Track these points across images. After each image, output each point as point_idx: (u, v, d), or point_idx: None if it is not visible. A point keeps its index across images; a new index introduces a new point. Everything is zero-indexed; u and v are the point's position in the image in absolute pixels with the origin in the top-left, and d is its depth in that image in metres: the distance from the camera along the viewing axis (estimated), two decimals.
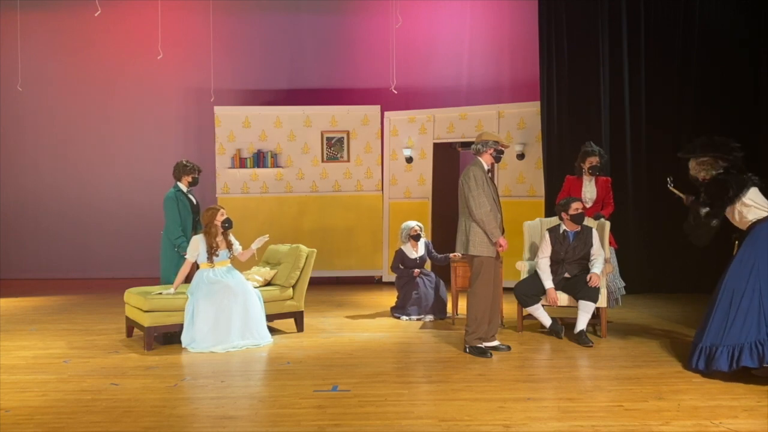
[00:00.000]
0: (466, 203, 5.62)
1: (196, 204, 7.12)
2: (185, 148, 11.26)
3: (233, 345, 5.92)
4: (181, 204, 6.88)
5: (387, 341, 6.28)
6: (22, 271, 11.24)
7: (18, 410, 4.34)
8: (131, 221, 11.25)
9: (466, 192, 5.61)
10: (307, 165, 10.22)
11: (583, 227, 6.33)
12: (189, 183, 7.06)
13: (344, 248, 10.12)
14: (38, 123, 11.51)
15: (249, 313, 6.07)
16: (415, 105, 10.54)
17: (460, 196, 5.70)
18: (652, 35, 8.70)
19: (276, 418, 4.15)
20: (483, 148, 5.71)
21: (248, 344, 5.99)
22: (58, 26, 11.39)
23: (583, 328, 6.05)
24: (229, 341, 5.92)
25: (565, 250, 6.30)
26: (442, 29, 11.14)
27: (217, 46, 10.82)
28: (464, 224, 5.67)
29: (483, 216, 5.55)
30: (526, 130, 9.45)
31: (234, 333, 5.96)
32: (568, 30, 8.92)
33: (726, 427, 3.91)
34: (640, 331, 6.41)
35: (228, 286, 6.04)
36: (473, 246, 5.60)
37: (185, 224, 6.86)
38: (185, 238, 6.75)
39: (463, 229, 5.67)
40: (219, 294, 5.98)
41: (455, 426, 3.98)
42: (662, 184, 8.36)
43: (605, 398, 4.47)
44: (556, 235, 6.36)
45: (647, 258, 8.79)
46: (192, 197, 7.10)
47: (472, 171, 5.65)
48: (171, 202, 6.86)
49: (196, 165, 7.15)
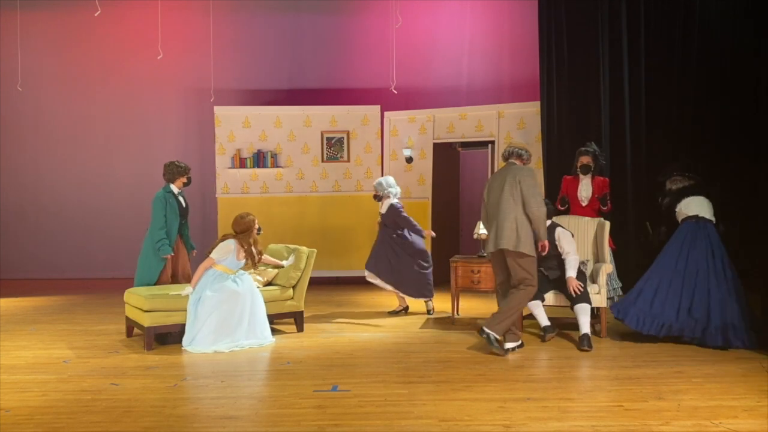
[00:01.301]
0: (523, 201, 5.70)
1: (185, 206, 7.03)
2: (185, 148, 11.26)
3: (237, 344, 5.93)
4: (169, 206, 6.81)
5: (387, 341, 6.28)
6: (22, 271, 11.24)
7: (18, 410, 4.34)
8: (131, 221, 11.23)
9: (525, 190, 5.71)
10: (307, 165, 10.22)
11: (550, 226, 6.27)
12: (184, 184, 6.99)
13: (344, 248, 10.12)
14: (38, 123, 11.51)
15: (255, 315, 6.11)
16: (415, 105, 10.54)
17: (508, 194, 5.73)
18: (652, 35, 8.69)
19: (276, 418, 4.16)
20: (528, 158, 5.99)
21: (252, 344, 6.01)
22: (58, 26, 11.38)
23: (587, 331, 5.97)
24: (234, 341, 5.94)
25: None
26: (442, 29, 11.14)
27: (217, 46, 10.82)
28: (514, 222, 5.70)
29: (542, 216, 5.71)
30: (526, 130, 9.46)
31: (239, 334, 5.98)
32: (568, 30, 8.92)
33: (726, 427, 3.91)
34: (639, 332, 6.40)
35: (235, 290, 6.04)
36: (523, 244, 5.68)
37: (171, 226, 6.80)
38: (168, 240, 6.72)
39: (513, 227, 5.69)
40: (225, 295, 5.98)
41: (455, 426, 3.98)
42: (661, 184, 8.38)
43: (605, 398, 4.47)
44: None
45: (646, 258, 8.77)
46: (182, 199, 7.01)
47: (529, 171, 5.82)
48: (159, 202, 6.79)
49: (187, 165, 7.10)
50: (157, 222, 6.76)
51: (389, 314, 7.63)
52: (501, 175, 5.89)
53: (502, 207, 5.73)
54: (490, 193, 5.89)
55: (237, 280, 6.13)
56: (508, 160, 6.02)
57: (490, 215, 5.88)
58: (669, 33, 8.67)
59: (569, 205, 7.28)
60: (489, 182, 6.01)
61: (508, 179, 5.76)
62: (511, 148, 5.99)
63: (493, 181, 5.93)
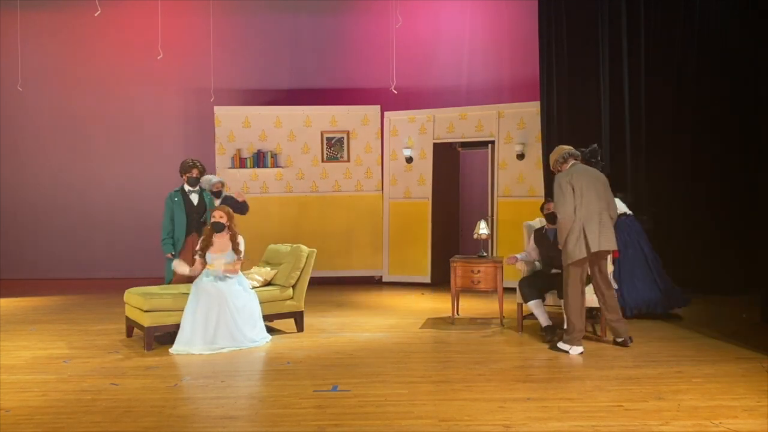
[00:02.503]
0: (608, 203, 5.80)
1: (197, 204, 7.02)
2: (185, 148, 11.25)
3: (219, 347, 5.85)
4: (175, 204, 6.90)
5: (387, 341, 6.28)
6: (22, 271, 11.23)
7: (18, 410, 4.34)
8: (131, 221, 11.24)
9: (609, 193, 5.86)
10: (307, 165, 10.22)
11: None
12: (189, 178, 7.01)
13: (344, 248, 10.12)
14: (38, 123, 11.51)
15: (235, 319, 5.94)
16: (415, 105, 10.54)
17: (602, 195, 5.78)
18: (651, 35, 8.70)
19: (276, 418, 4.16)
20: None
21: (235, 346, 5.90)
22: (58, 26, 11.38)
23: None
24: (215, 343, 5.85)
25: (548, 248, 6.35)
26: (442, 29, 11.14)
27: (217, 46, 10.81)
28: (610, 221, 5.79)
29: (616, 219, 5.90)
30: (526, 130, 9.45)
31: (219, 337, 5.87)
32: (568, 30, 8.92)
33: (726, 427, 3.91)
34: (639, 332, 6.40)
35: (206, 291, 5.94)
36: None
37: (178, 225, 6.88)
38: (171, 239, 6.83)
39: (612, 228, 5.80)
40: (199, 296, 5.93)
41: (455, 426, 3.98)
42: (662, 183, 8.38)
43: (605, 398, 4.47)
44: (539, 235, 6.51)
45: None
46: (196, 196, 7.03)
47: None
48: (166, 202, 6.98)
49: (197, 162, 7.08)
50: (163, 221, 6.94)
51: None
52: (589, 174, 5.81)
53: (600, 207, 5.70)
54: (585, 192, 5.67)
55: (216, 281, 6.01)
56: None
57: (584, 215, 5.63)
58: (669, 33, 8.67)
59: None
60: (578, 181, 5.68)
61: (601, 180, 5.83)
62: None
63: (584, 181, 5.71)
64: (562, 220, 5.67)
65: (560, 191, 5.69)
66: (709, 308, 7.62)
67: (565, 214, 5.64)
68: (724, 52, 8.52)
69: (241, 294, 6.10)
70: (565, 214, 5.64)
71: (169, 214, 6.90)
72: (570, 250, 5.64)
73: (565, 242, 5.67)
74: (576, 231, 5.62)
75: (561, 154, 5.94)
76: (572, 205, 5.63)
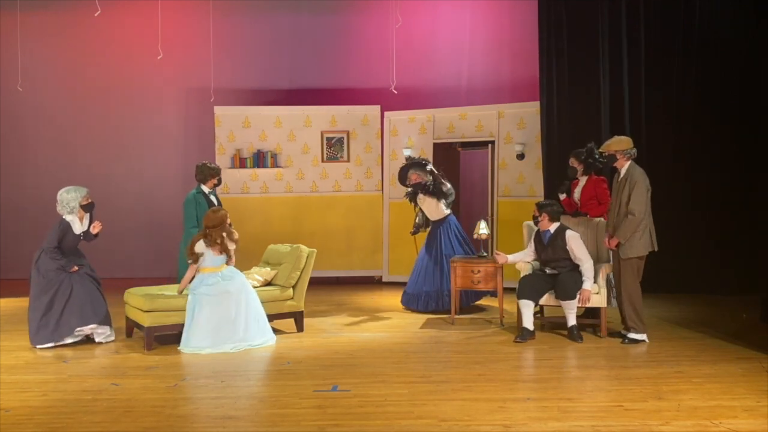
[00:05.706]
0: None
1: (218, 205, 7.18)
2: (185, 148, 11.25)
3: (236, 346, 5.90)
4: (199, 206, 7.03)
5: (387, 341, 6.28)
6: (23, 271, 11.19)
7: (18, 410, 4.34)
8: (131, 221, 11.22)
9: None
10: (307, 165, 10.22)
11: (558, 229, 6.32)
12: (214, 185, 7.31)
13: (344, 248, 10.11)
14: (38, 123, 11.50)
15: (251, 314, 6.05)
16: (415, 105, 10.53)
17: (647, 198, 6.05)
18: (652, 35, 8.69)
19: (276, 418, 4.16)
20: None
21: (251, 345, 5.97)
22: (58, 26, 11.37)
23: (574, 323, 6.19)
24: (233, 342, 5.90)
25: (543, 251, 6.36)
26: (442, 29, 11.13)
27: (217, 46, 10.81)
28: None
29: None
30: (526, 130, 9.45)
31: (237, 335, 5.94)
32: (568, 30, 8.91)
33: (726, 427, 3.91)
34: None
35: (227, 290, 6.00)
36: None
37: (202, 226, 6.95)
38: None
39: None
40: (218, 297, 5.95)
41: (455, 426, 3.98)
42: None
43: (605, 398, 4.48)
44: (537, 236, 6.52)
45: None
46: (214, 198, 7.28)
47: None
48: (189, 204, 7.06)
49: (218, 166, 7.44)
50: (188, 222, 7.00)
51: None
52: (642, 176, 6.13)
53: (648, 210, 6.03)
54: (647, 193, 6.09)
55: (228, 280, 6.05)
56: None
57: (646, 217, 6.04)
58: (669, 32, 8.67)
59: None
60: (648, 184, 6.12)
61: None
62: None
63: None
64: (639, 215, 5.95)
65: (645, 189, 6.03)
66: (709, 308, 7.62)
67: (642, 213, 5.96)
68: (725, 52, 8.52)
69: (249, 293, 6.16)
70: (642, 213, 5.96)
71: (194, 215, 6.96)
72: (636, 245, 5.99)
73: (631, 237, 5.96)
74: (644, 228, 5.98)
75: (631, 150, 6.25)
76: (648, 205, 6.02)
